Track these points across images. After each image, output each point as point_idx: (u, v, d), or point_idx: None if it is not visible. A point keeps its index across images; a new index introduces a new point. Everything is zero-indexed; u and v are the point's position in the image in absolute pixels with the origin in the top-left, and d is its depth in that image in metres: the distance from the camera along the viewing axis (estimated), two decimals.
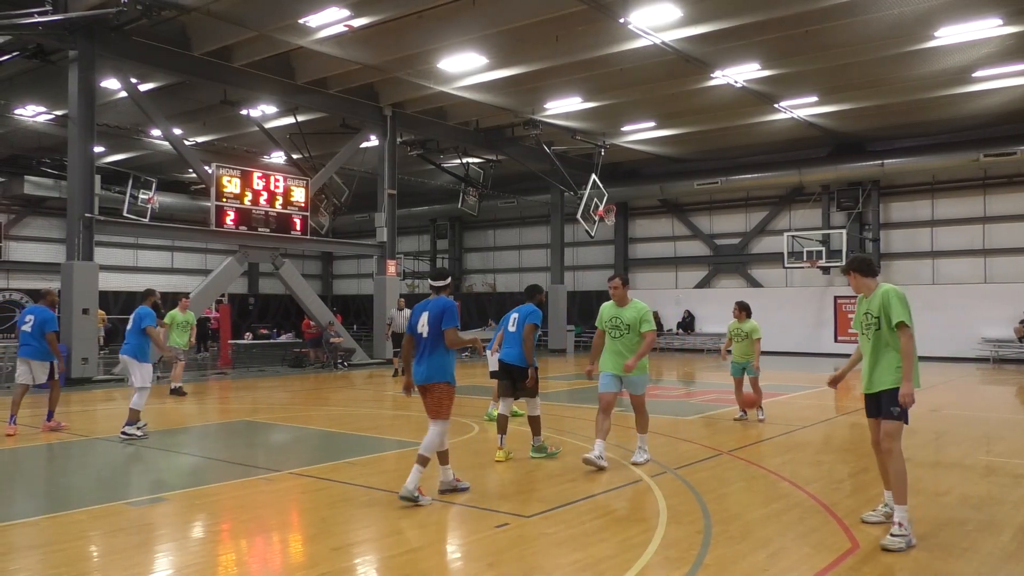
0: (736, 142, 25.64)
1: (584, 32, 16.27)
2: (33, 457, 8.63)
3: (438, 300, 6.54)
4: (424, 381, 6.40)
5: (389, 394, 15.17)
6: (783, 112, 21.73)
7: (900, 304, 5.30)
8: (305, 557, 5.16)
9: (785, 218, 27.68)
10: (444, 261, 36.10)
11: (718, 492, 6.69)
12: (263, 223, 19.98)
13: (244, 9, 15.54)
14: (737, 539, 5.32)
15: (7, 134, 24.15)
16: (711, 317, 27.50)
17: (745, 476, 7.43)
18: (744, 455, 8.39)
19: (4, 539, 5.46)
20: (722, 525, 5.62)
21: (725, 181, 27.12)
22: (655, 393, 15.07)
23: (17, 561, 5.02)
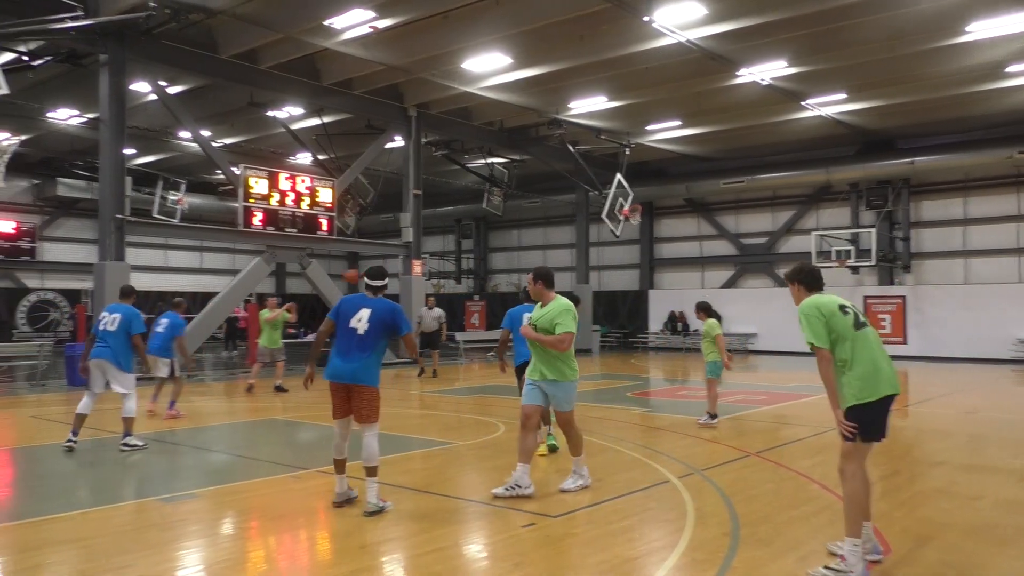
0: (762, 140, 25.40)
1: (608, 31, 16.22)
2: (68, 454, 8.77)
3: (384, 302, 6.20)
4: (352, 381, 5.99)
5: (415, 393, 15.23)
6: (810, 110, 21.50)
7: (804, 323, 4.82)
8: (333, 555, 5.20)
9: (813, 217, 27.38)
10: (469, 261, 36.19)
11: (746, 494, 6.64)
12: (290, 223, 20.15)
13: (270, 11, 15.68)
14: (766, 542, 5.27)
15: (41, 137, 24.58)
16: (738, 317, 27.24)
17: (773, 478, 7.36)
18: (772, 457, 8.32)
19: (42, 533, 5.57)
20: (750, 527, 5.58)
21: (751, 180, 26.89)
22: (682, 393, 15.00)
23: (55, 555, 5.12)
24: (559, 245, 33.61)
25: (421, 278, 23.12)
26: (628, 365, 22.34)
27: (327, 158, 23.67)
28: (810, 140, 25.13)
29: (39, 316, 29.24)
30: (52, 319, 29.55)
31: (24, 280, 29.41)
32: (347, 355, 6.01)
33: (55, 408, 12.68)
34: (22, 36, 15.19)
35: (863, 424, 4.64)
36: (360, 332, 6.02)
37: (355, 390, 6.03)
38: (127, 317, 8.69)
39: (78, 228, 30.93)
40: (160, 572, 4.80)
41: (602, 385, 16.49)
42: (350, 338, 6.04)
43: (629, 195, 24.47)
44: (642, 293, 30.86)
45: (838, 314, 4.85)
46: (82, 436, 9.48)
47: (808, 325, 4.81)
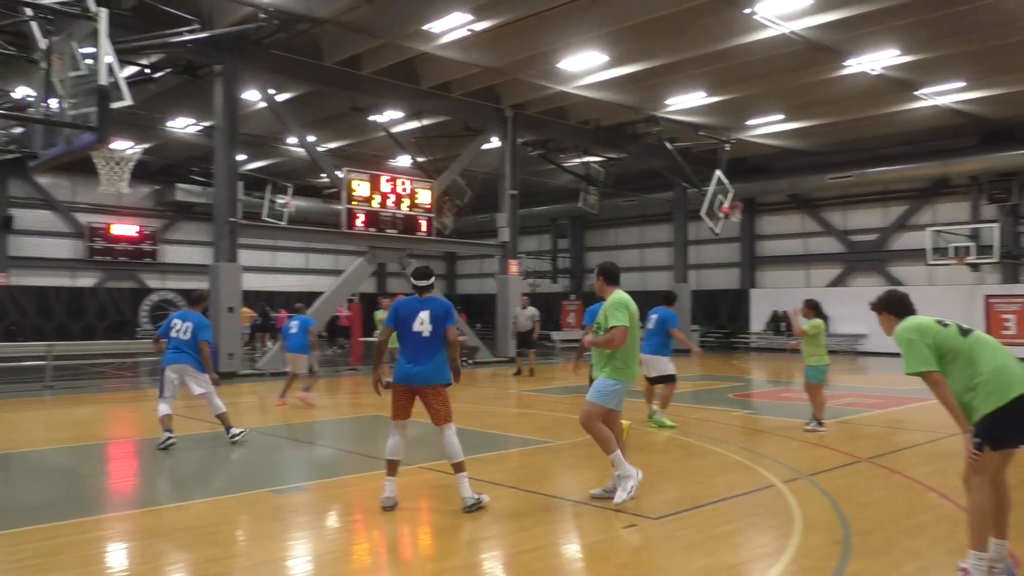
0: (872, 133, 24.29)
1: (708, 25, 15.87)
2: (188, 446, 9.27)
3: (438, 300, 6.29)
4: (425, 383, 6.08)
5: (512, 392, 15.34)
6: (925, 100, 20.41)
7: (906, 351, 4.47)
8: (435, 550, 5.29)
9: (928, 212, 25.98)
10: (565, 260, 36.14)
11: (857, 501, 6.36)
12: (391, 225, 20.65)
13: (372, 19, 16.11)
14: (880, 551, 5.04)
15: (161, 145, 26.05)
16: (846, 318, 26.12)
17: (887, 485, 7.03)
18: (885, 463, 7.94)
19: (164, 520, 5.91)
20: (863, 536, 5.34)
21: (860, 174, 25.72)
22: (786, 395, 14.53)
23: (178, 541, 5.42)
24: (656, 244, 33.12)
25: (518, 277, 23.26)
26: (729, 366, 21.81)
27: (426, 160, 24.14)
28: (924, 131, 23.84)
29: (161, 315, 30.99)
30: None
31: (146, 281, 31.24)
32: (417, 359, 6.08)
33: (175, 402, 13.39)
34: (144, 50, 16.14)
35: (995, 433, 4.24)
36: (425, 335, 6.09)
37: (428, 392, 6.11)
38: (197, 326, 8.96)
39: (195, 231, 32.62)
40: (273, 561, 5.00)
41: (702, 386, 16.16)
42: (417, 342, 6.10)
43: (729, 192, 23.88)
44: (743, 292, 30.05)
45: (939, 329, 4.48)
46: (201, 430, 10.01)
47: (910, 351, 4.43)
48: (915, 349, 4.40)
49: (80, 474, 7.83)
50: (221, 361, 16.89)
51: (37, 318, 27.99)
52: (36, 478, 7.64)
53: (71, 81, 8.70)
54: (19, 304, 27.76)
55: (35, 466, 8.16)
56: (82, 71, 8.56)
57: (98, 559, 5.05)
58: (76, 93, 8.65)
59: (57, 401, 13.20)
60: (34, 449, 8.95)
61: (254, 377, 17.48)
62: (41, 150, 9.50)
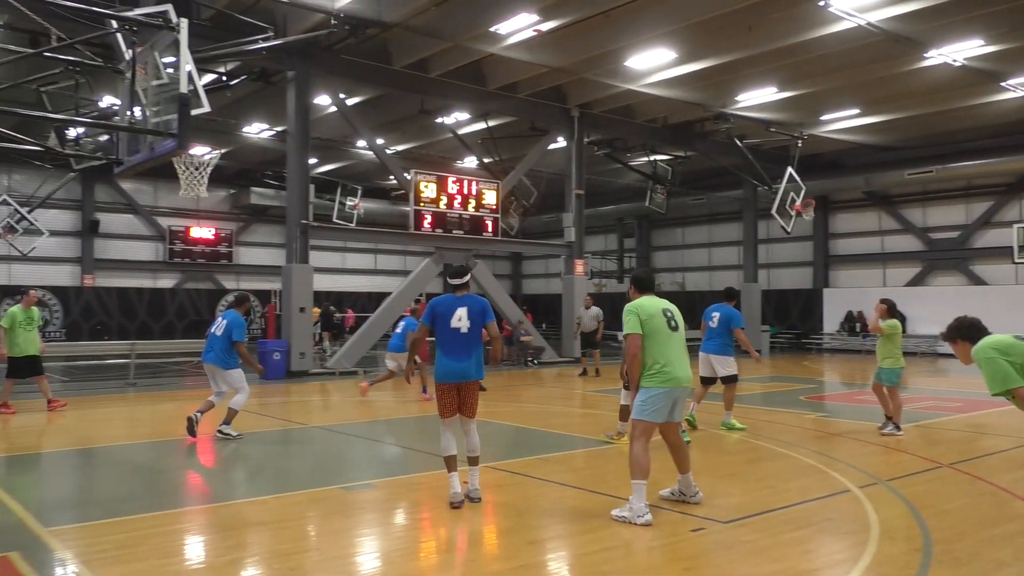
0: (954, 126, 23.33)
1: (780, 19, 15.51)
2: (262, 442, 9.53)
3: (475, 298, 6.37)
4: (464, 379, 6.18)
5: (578, 392, 15.28)
6: (1012, 91, 19.48)
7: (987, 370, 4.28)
8: (502, 549, 5.31)
9: (1015, 208, 24.80)
10: (632, 260, 35.84)
11: (938, 508, 6.12)
12: (457, 225, 20.83)
13: (440, 22, 16.28)
14: (963, 561, 4.83)
15: (236, 150, 26.90)
16: (925, 318, 25.17)
17: (970, 492, 6.74)
18: (968, 469, 7.61)
19: (239, 514, 6.09)
20: (944, 544, 5.14)
21: (941, 169, 24.72)
22: (861, 398, 14.09)
23: (252, 535, 5.58)
24: (725, 243, 32.55)
25: (583, 277, 23.17)
26: (801, 367, 21.26)
27: (492, 161, 24.26)
28: (1011, 123, 22.76)
29: None
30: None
31: (222, 282, 32.29)
32: (457, 355, 6.18)
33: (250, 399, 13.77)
34: (221, 58, 16.68)
35: None
36: (464, 331, 6.20)
37: (467, 387, 6.24)
38: (230, 325, 9.22)
39: (268, 233, 33.57)
40: (344, 556, 5.11)
41: (772, 388, 15.80)
42: (456, 338, 6.20)
43: (801, 189, 23.28)
44: (815, 292, 29.26)
45: (1019, 344, 4.30)
46: (269, 427, 10.30)
47: (992, 370, 4.25)
48: (997, 367, 4.24)
49: (159, 469, 8.15)
50: (292, 360, 17.33)
51: (121, 318, 29.25)
52: (118, 472, 7.98)
53: (153, 90, 9.07)
54: (104, 305, 29.04)
55: (117, 460, 8.51)
56: (164, 80, 8.92)
57: (176, 551, 5.24)
58: (158, 101, 9.02)
59: (139, 398, 13.75)
60: (116, 444, 9.34)
61: (324, 376, 17.87)
62: (126, 157, 9.93)
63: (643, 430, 5.80)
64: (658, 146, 25.66)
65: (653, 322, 5.86)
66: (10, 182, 27.26)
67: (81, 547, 5.15)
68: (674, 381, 5.81)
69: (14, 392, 11.67)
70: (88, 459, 8.56)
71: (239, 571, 4.79)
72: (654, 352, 5.82)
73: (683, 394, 5.95)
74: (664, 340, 5.86)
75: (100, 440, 9.55)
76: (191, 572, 4.86)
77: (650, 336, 5.83)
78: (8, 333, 11.28)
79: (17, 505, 6.17)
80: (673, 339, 5.91)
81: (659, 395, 5.80)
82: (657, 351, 5.82)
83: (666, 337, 5.87)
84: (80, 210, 29.10)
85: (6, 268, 27.45)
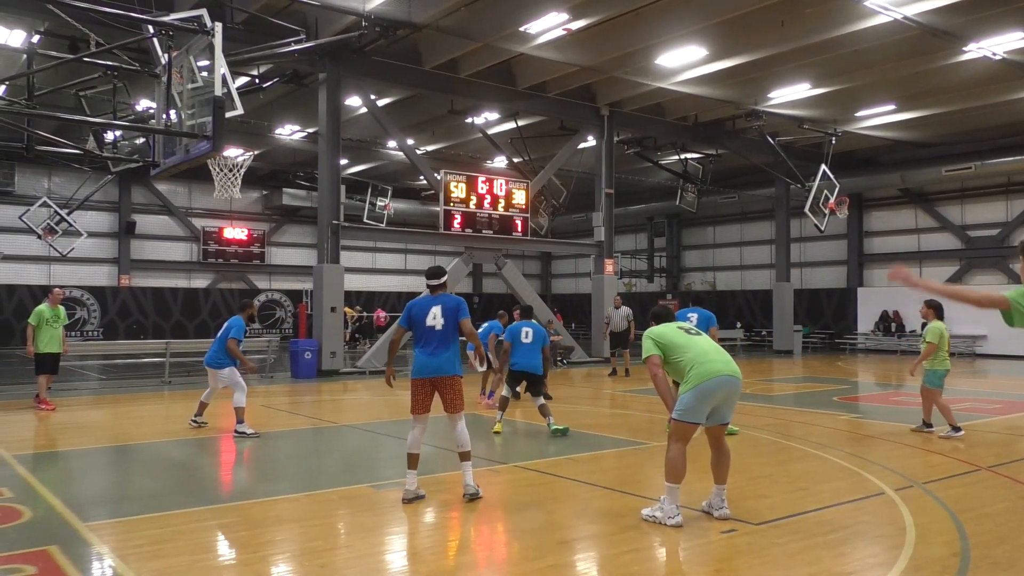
0: (993, 121, 22.84)
1: (813, 14, 15.32)
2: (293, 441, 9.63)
3: (450, 296, 6.51)
4: (439, 373, 6.29)
5: (607, 392, 15.22)
6: None
7: None
8: (532, 549, 5.30)
9: None
10: (662, 259, 35.63)
11: (977, 512, 5.99)
12: (487, 225, 20.87)
13: (470, 22, 16.32)
14: (1004, 566, 4.73)
15: (269, 152, 27.22)
16: (964, 318, 24.67)
17: (1010, 496, 6.59)
18: (1008, 472, 7.45)
19: (271, 511, 6.16)
20: (983, 549, 5.03)
21: (980, 166, 24.22)
22: (896, 399, 13.85)
23: (283, 532, 5.64)
24: (756, 241, 32.21)
25: (613, 277, 23.08)
26: (834, 368, 20.97)
27: (521, 160, 24.27)
28: None
29: (267, 314, 32.37)
30: (278, 317, 32.62)
31: (255, 281, 32.69)
32: (432, 351, 6.32)
33: (281, 398, 13.97)
34: (254, 61, 16.90)
35: None
36: (438, 328, 6.34)
37: (444, 382, 6.34)
38: (229, 326, 9.73)
39: (300, 234, 33.92)
40: (374, 554, 5.14)
41: (805, 388, 15.60)
42: (431, 335, 6.34)
43: (835, 187, 22.98)
44: (849, 291, 28.84)
45: None
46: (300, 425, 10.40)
47: None
48: None
49: (193, 466, 8.26)
50: (324, 359, 17.48)
51: (156, 317, 29.75)
52: (153, 469, 8.11)
53: (188, 93, 9.21)
54: (140, 304, 29.56)
55: (152, 457, 8.65)
56: (198, 83, 9.06)
57: (209, 547, 5.31)
58: (193, 104, 9.16)
59: (174, 396, 13.97)
60: (151, 441, 9.50)
61: (354, 375, 18.00)
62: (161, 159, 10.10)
63: (680, 432, 5.67)
64: (689, 144, 25.48)
65: (668, 338, 5.81)
66: (50, 184, 27.88)
67: (117, 542, 5.24)
68: (710, 372, 5.59)
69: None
70: (124, 456, 8.71)
71: (271, 567, 4.84)
72: (681, 359, 5.69)
73: (726, 387, 5.61)
74: (684, 343, 5.76)
75: (136, 437, 9.72)
76: (224, 568, 4.93)
77: (671, 349, 5.75)
78: (36, 330, 11.65)
79: (56, 500, 6.31)
80: (694, 340, 5.81)
81: (696, 393, 5.58)
82: (683, 357, 5.69)
83: (685, 340, 5.79)
84: (117, 212, 29.66)
85: (46, 268, 28.06)
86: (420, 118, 23.26)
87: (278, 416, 11.61)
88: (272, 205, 32.90)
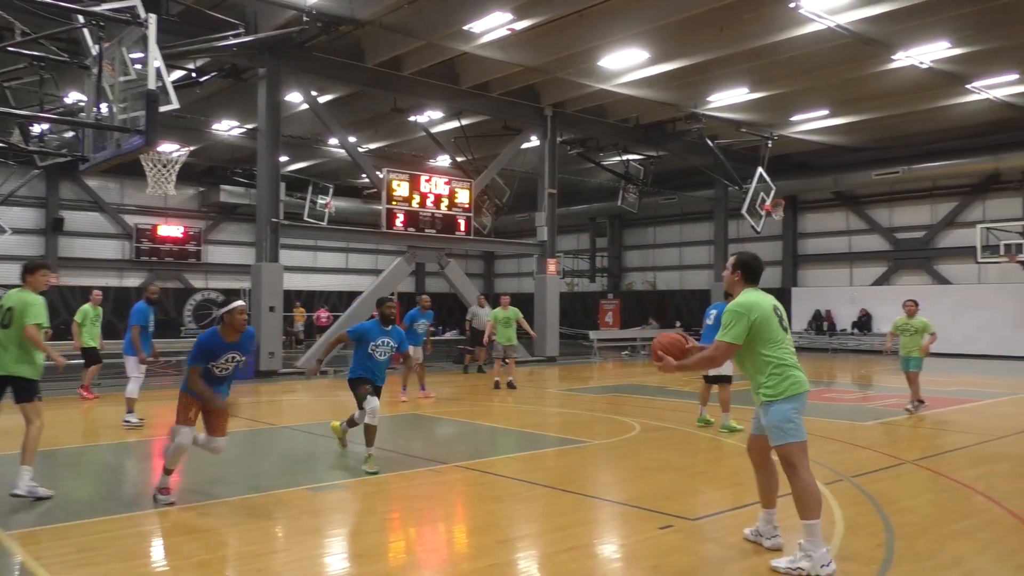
0: (920, 128, 23.72)
1: (751, 20, 15.67)
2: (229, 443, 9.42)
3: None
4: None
5: (552, 392, 15.31)
6: (976, 93, 19.87)
7: None
8: (471, 549, 5.31)
9: (978, 208, 25.30)
10: (604, 259, 36.00)
11: (901, 504, 6.23)
12: (430, 224, 20.77)
13: (413, 20, 16.22)
14: (925, 556, 4.93)
15: (206, 148, 26.54)
16: (891, 316, 25.58)
17: (932, 488, 6.87)
18: (930, 465, 7.76)
19: (206, 516, 6.02)
20: (907, 540, 5.23)
21: (907, 170, 25.14)
22: (828, 396, 14.27)
23: (216, 537, 5.52)
24: (696, 242, 32.81)
25: (556, 276, 23.23)
26: None
27: (465, 160, 24.23)
28: (976, 126, 23.23)
29: (204, 314, 31.61)
30: (215, 317, 31.87)
31: (191, 280, 31.89)
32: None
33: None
34: (191, 54, 16.45)
35: None
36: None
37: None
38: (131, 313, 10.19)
39: (238, 232, 33.19)
40: (313, 557, 5.07)
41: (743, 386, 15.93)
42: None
43: (771, 189, 23.57)
44: (784, 291, 29.59)
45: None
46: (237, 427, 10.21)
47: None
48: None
49: (124, 471, 8.03)
50: (262, 360, 17.17)
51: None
52: (80, 474, 7.85)
53: (121, 86, 8.91)
54: (68, 304, 28.46)
55: (80, 462, 8.38)
56: (131, 76, 8.77)
57: (140, 554, 5.17)
58: (125, 97, 8.87)
59: (104, 398, 13.52)
60: (80, 445, 9.19)
61: (293, 376, 17.71)
62: (91, 153, 9.76)
63: (802, 452, 4.72)
64: (630, 146, 25.80)
65: (767, 319, 4.77)
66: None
67: (42, 551, 5.05)
68: (805, 383, 4.83)
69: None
70: (50, 461, 8.38)
71: (205, 574, 4.74)
72: (769, 356, 4.76)
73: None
74: (783, 340, 4.83)
75: (63, 442, 9.38)
76: (155, 575, 4.80)
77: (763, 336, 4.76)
78: (80, 327, 12.88)
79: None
80: (788, 341, 4.90)
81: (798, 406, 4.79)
82: (773, 355, 4.78)
83: (783, 338, 4.83)
84: (44, 208, 28.54)
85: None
86: (362, 115, 23.02)
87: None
88: (209, 202, 32.11)
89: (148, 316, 10.22)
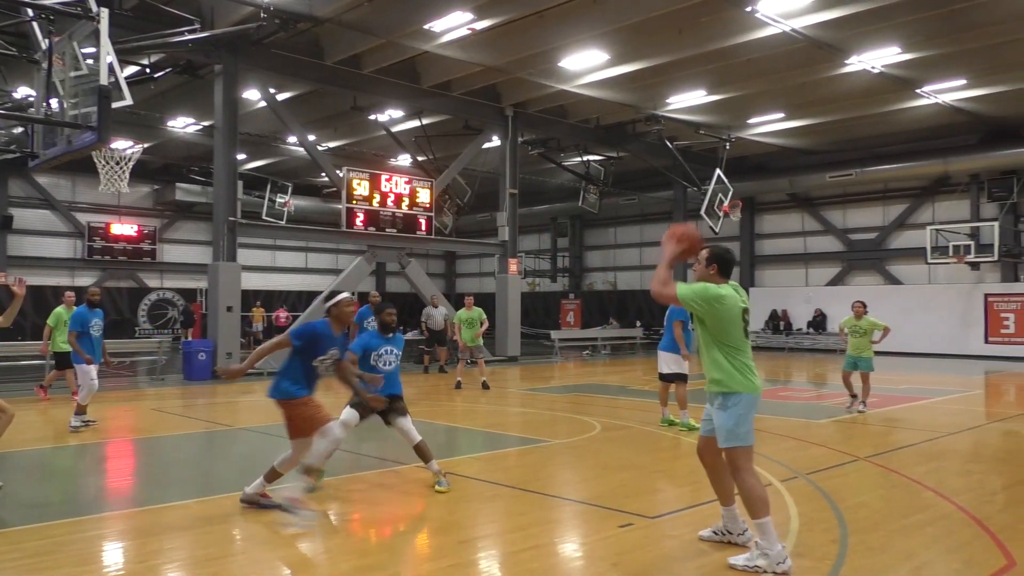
0: (873, 131, 24.28)
1: (709, 23, 15.87)
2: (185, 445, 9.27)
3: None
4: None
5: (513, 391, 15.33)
6: (926, 97, 20.40)
7: None
8: (432, 549, 5.30)
9: (928, 211, 25.98)
10: (565, 259, 36.16)
11: (854, 500, 6.37)
12: (390, 224, 20.65)
13: (373, 18, 16.10)
14: (877, 551, 5.04)
15: (161, 145, 26.04)
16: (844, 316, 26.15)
17: (884, 484, 7.03)
18: (882, 462, 7.94)
19: (161, 519, 5.91)
20: (860, 535, 5.35)
21: (860, 173, 25.71)
22: (784, 395, 14.52)
23: (173, 540, 5.42)
24: (656, 243, 32.72)
25: (517, 276, 23.26)
26: None
27: (426, 159, 24.14)
28: (925, 129, 23.85)
29: (159, 314, 31.01)
30: (170, 317, 31.30)
31: (145, 280, 31.25)
32: None
33: (173, 401, 13.43)
34: (145, 50, 16.13)
35: None
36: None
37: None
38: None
39: (194, 230, 32.62)
40: (270, 560, 5.01)
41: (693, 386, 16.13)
42: None
43: (729, 191, 23.91)
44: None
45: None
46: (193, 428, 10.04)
47: None
48: None
49: (78, 473, 7.84)
50: (219, 360, 16.90)
51: (36, 317, 27.94)
52: (33, 477, 7.65)
53: (72, 81, 8.70)
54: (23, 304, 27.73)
55: (32, 465, 8.16)
56: (83, 71, 8.56)
57: (93, 558, 5.06)
58: (77, 93, 8.65)
59: (56, 399, 13.19)
60: (31, 448, 8.95)
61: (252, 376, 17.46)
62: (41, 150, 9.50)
63: (749, 456, 4.77)
64: (591, 146, 25.96)
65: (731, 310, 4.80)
66: None
67: None
68: (760, 385, 4.88)
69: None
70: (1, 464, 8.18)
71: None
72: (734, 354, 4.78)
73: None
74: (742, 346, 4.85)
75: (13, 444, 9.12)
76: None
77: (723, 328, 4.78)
78: (54, 331, 12.34)
79: None
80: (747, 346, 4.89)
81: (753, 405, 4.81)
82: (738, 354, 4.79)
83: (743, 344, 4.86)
84: None
85: None
86: (322, 113, 22.78)
87: (169, 420, 11.15)
88: (164, 200, 31.48)
89: (88, 320, 9.85)
